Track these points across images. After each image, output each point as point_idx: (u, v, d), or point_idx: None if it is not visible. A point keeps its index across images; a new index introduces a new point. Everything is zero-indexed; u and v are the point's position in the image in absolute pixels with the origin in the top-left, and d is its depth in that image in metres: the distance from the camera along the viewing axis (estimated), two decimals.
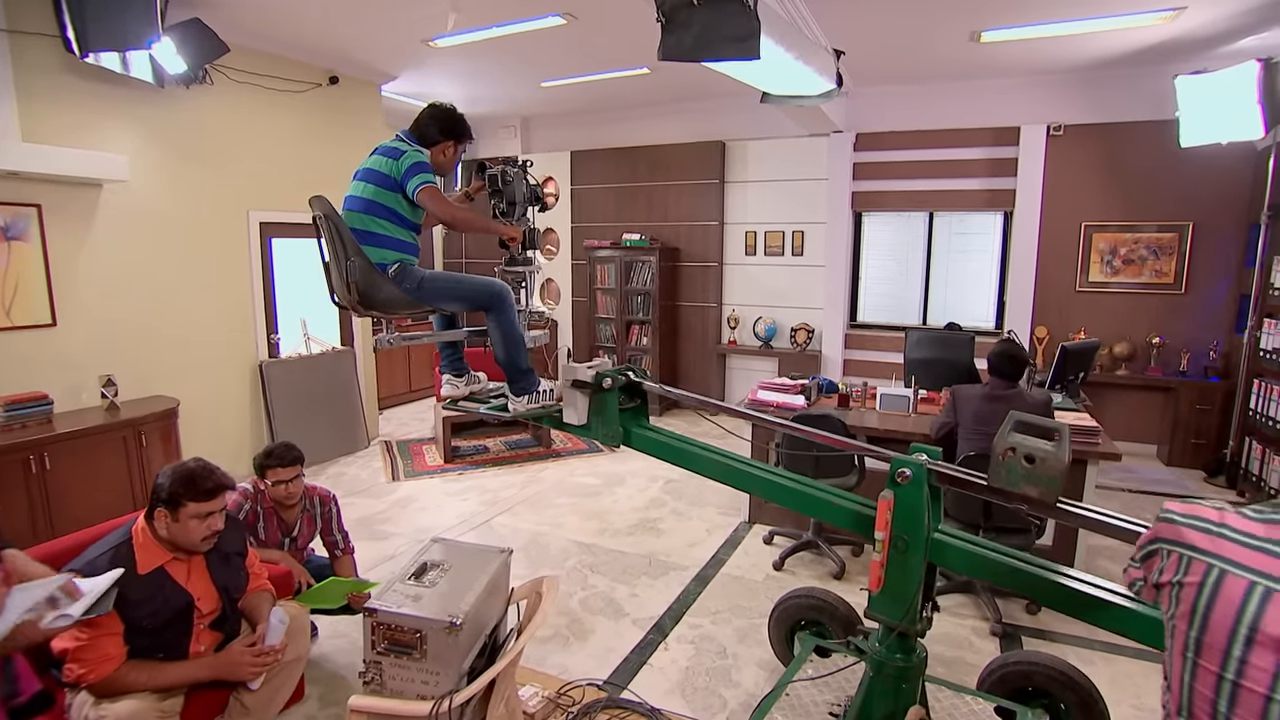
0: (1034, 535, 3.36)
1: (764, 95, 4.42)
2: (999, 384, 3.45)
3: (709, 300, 7.24)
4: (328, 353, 5.73)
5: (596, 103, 7.19)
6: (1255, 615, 0.95)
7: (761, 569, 4.00)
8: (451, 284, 2.49)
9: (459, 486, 5.27)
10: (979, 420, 3.46)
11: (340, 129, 5.70)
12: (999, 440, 1.76)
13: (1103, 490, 5.19)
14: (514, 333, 2.49)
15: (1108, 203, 5.90)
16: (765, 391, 4.58)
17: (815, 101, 4.35)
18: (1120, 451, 3.58)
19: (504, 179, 2.52)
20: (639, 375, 2.40)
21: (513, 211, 2.58)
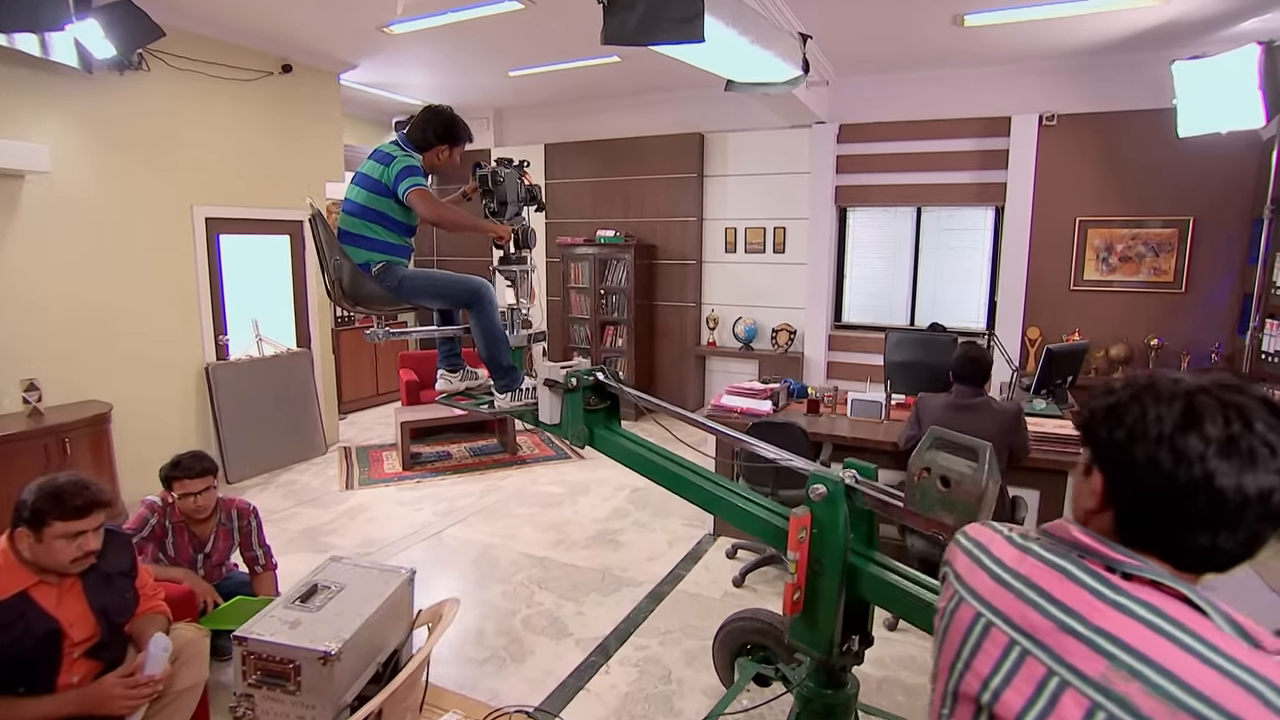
0: None
1: (728, 83, 4.30)
2: (963, 391, 3.31)
3: (687, 300, 7.12)
4: (282, 355, 5.63)
5: (570, 93, 7.08)
6: (971, 652, 0.87)
7: (721, 585, 3.88)
8: (429, 282, 2.64)
9: (414, 495, 5.16)
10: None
11: (296, 120, 5.59)
12: (914, 459, 1.63)
13: None
14: (494, 330, 2.59)
15: (1104, 197, 5.75)
16: (731, 397, 4.46)
17: (782, 89, 4.22)
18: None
19: (494, 179, 2.54)
20: (608, 376, 2.37)
21: (504, 211, 2.62)
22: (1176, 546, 0.81)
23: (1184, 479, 0.78)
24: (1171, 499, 0.79)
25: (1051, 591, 0.82)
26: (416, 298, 2.65)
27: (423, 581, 3.96)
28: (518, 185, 2.66)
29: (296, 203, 5.69)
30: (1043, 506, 3.63)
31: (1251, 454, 0.76)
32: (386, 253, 2.59)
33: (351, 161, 7.45)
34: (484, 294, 2.59)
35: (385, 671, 2.15)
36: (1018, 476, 3.60)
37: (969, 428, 3.28)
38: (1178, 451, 0.78)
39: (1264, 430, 0.77)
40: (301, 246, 5.80)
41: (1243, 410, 0.79)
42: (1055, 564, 0.84)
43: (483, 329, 2.58)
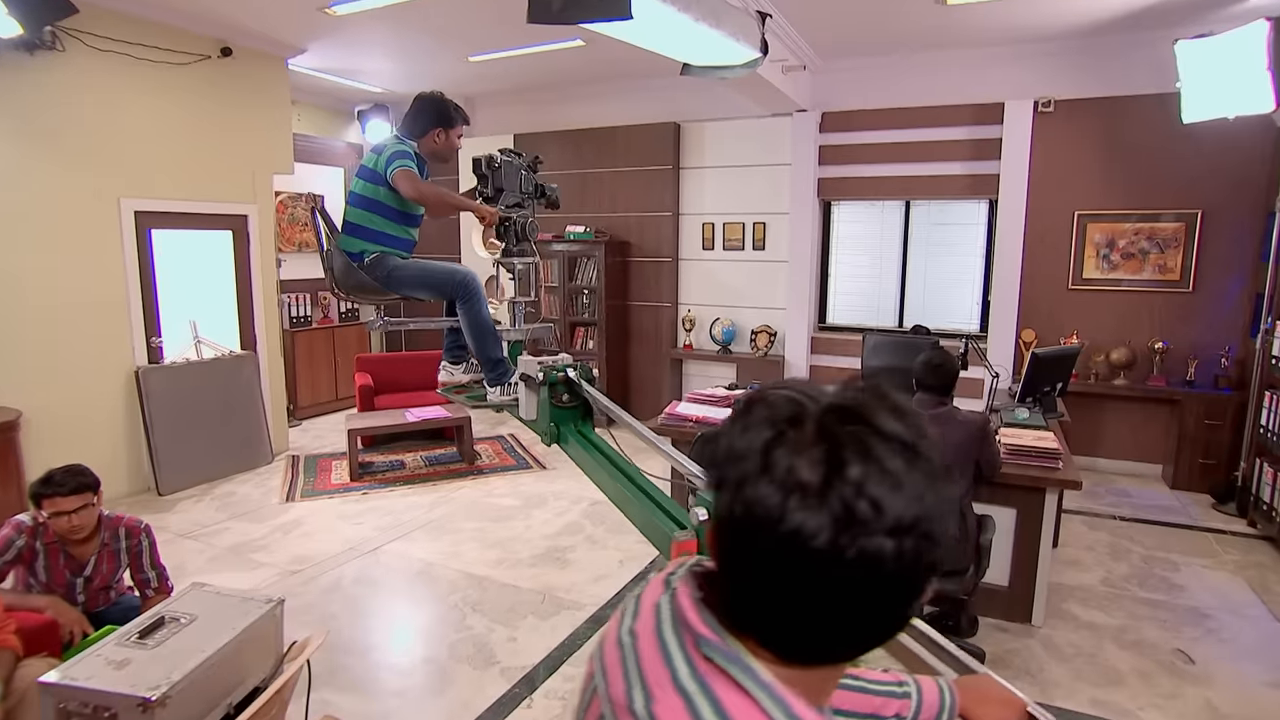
0: (971, 578, 3.01)
1: (684, 67, 4.13)
2: (925, 401, 3.11)
3: (663, 299, 6.93)
4: (224, 358, 5.48)
5: (540, 80, 6.92)
6: (579, 713, 0.73)
7: None
8: (419, 273, 2.71)
9: (358, 508, 4.99)
10: None
11: (239, 108, 5.44)
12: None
13: (1089, 518, 4.82)
14: (482, 322, 2.65)
15: (1104, 189, 5.53)
16: (689, 404, 4.27)
17: (740, 72, 4.04)
18: (1081, 480, 3.23)
19: (490, 164, 2.53)
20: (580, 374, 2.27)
21: (498, 199, 2.60)
22: (766, 625, 0.63)
23: (764, 539, 0.59)
24: (747, 561, 0.61)
25: (642, 663, 0.65)
26: (406, 289, 2.72)
27: (351, 602, 3.83)
28: (520, 176, 2.63)
29: (240, 196, 5.55)
30: (1020, 527, 3.42)
31: (848, 511, 0.57)
32: (381, 243, 2.69)
33: (308, 153, 7.33)
34: (471, 285, 2.65)
35: (235, 714, 1.98)
36: (991, 493, 3.40)
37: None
38: (750, 502, 0.60)
39: (875, 475, 0.58)
40: (246, 243, 5.66)
41: (860, 446, 0.59)
42: (659, 630, 0.67)
43: (470, 321, 2.66)
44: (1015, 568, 3.48)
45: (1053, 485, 3.27)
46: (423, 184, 2.64)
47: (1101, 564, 4.15)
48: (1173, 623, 3.53)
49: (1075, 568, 4.10)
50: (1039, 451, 3.33)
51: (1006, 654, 3.25)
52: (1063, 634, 3.41)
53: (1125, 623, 3.52)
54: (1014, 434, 3.50)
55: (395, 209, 2.70)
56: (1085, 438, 5.72)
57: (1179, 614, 3.61)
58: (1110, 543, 4.45)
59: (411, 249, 2.83)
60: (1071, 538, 4.49)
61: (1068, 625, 3.49)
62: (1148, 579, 3.98)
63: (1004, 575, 3.50)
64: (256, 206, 5.65)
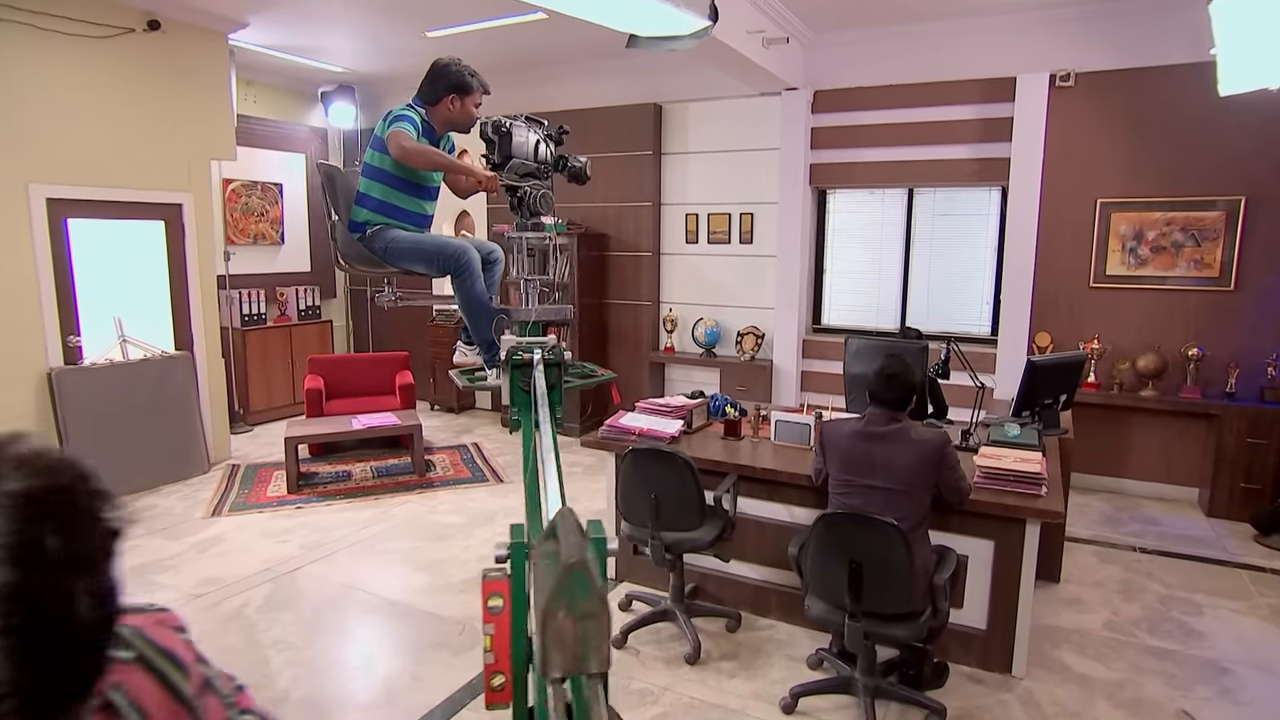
0: (932, 621, 2.71)
1: (630, 38, 3.92)
2: (877, 416, 2.83)
3: (642, 297, 6.69)
4: (153, 359, 5.36)
5: (508, 60, 6.72)
6: None
7: None
8: (412, 246, 2.75)
9: (287, 524, 4.83)
10: (846, 468, 2.84)
11: (171, 87, 5.30)
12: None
13: (1102, 548, 4.47)
14: (473, 299, 2.66)
15: (1131, 173, 5.15)
16: (637, 415, 4.02)
17: (689, 43, 3.79)
18: (1062, 512, 2.91)
19: (497, 128, 2.39)
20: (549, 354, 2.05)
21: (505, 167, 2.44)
22: None
23: None
24: None
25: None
26: (402, 262, 2.78)
27: (249, 632, 3.65)
28: (533, 143, 2.46)
29: (173, 183, 5.42)
30: (997, 562, 3.11)
31: None
32: (388, 214, 2.77)
33: (266, 138, 7.23)
34: (463, 260, 2.66)
35: None
36: (964, 523, 3.10)
37: (881, 460, 2.81)
38: None
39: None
40: (181, 233, 5.53)
41: None
42: None
43: (461, 297, 2.68)
44: (993, 608, 3.17)
45: (1031, 516, 2.96)
46: (410, 142, 2.63)
47: (1108, 604, 3.81)
48: (1183, 678, 3.18)
49: (1075, 608, 3.76)
50: (1018, 476, 3.02)
51: (975, 711, 2.94)
52: (1047, 687, 3.09)
53: (1125, 676, 3.19)
54: (994, 454, 3.19)
55: (401, 178, 2.77)
56: (1110, 456, 5.35)
57: (1192, 667, 3.26)
58: (1123, 579, 4.09)
59: (424, 223, 2.89)
60: (1077, 571, 4.15)
61: (1055, 677, 3.17)
62: (1161, 623, 3.63)
63: (980, 616, 3.20)
64: (192, 195, 5.53)
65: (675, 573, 3.48)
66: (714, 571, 3.78)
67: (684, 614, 3.47)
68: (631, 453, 3.28)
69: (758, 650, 3.41)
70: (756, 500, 3.59)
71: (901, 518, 2.67)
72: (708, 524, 3.31)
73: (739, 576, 3.72)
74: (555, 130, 2.58)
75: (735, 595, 3.73)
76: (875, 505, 2.73)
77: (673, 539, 3.28)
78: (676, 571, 3.48)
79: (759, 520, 3.60)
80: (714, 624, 3.62)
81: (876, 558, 2.60)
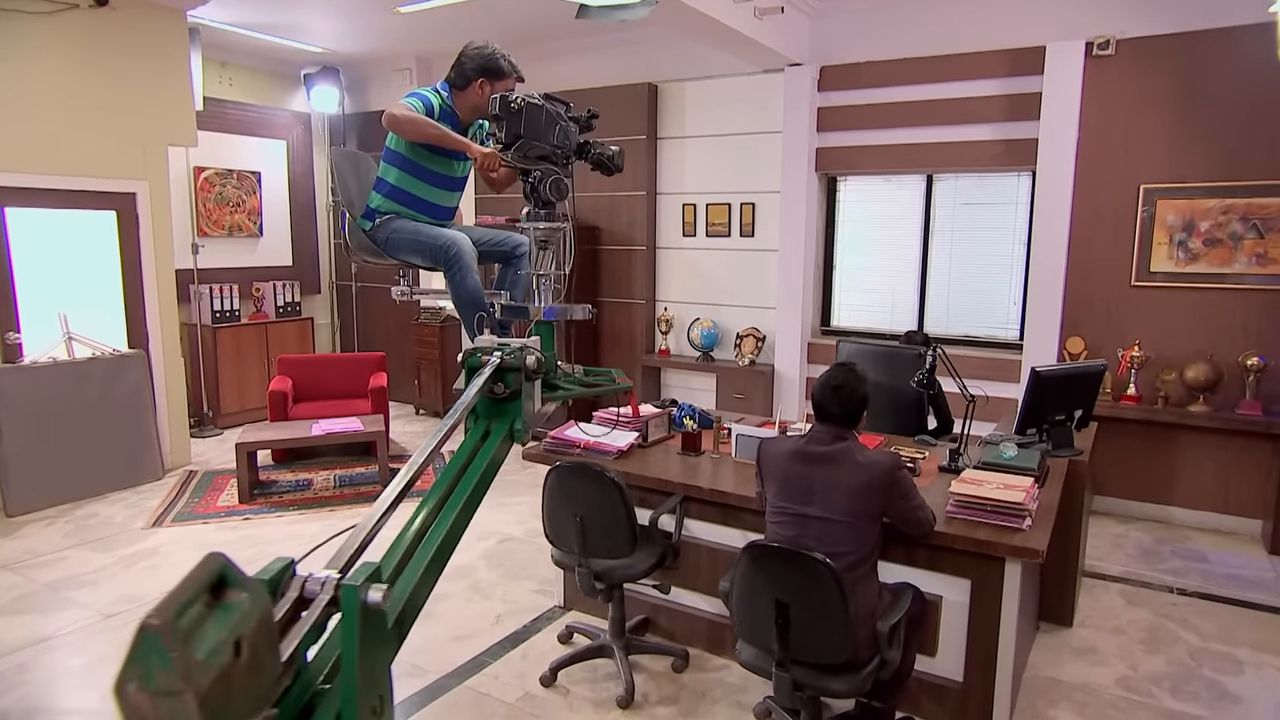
0: (879, 673, 2.45)
1: (580, 8, 3.79)
2: (820, 435, 2.58)
3: (636, 295, 6.50)
4: (103, 357, 5.35)
5: (500, 36, 6.55)
6: None
7: (525, 683, 3.27)
8: (409, 237, 2.77)
9: (230, 537, 4.76)
10: (782, 492, 2.60)
11: (122, 68, 5.28)
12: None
13: (1133, 587, 4.11)
14: (465, 294, 2.67)
15: (1181, 154, 4.76)
16: (588, 426, 3.82)
17: (641, 12, 3.65)
18: (1041, 550, 2.61)
19: (507, 105, 2.24)
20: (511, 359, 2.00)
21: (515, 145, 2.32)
22: None
23: None
24: None
25: None
26: (401, 254, 2.81)
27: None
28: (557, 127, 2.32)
29: (126, 171, 5.42)
30: (975, 606, 2.82)
31: None
32: (398, 200, 2.81)
33: (244, 124, 7.25)
34: (453, 252, 2.68)
35: None
36: (934, 558, 2.82)
37: (820, 485, 2.54)
38: None
39: None
40: (135, 224, 5.53)
41: None
42: None
43: (453, 293, 2.70)
44: (971, 658, 2.88)
45: (1005, 553, 2.67)
46: (401, 112, 2.66)
47: (1126, 655, 3.46)
48: None
49: (1086, 658, 3.43)
50: (995, 506, 2.73)
51: None
52: None
53: None
54: (975, 480, 2.90)
55: (418, 164, 2.79)
56: (1153, 480, 4.97)
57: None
58: (1151, 625, 3.73)
59: (441, 215, 2.90)
60: (1096, 614, 3.80)
61: None
62: (1188, 682, 3.27)
63: (956, 666, 2.91)
64: (147, 183, 5.52)
65: (614, 604, 3.28)
66: (667, 603, 3.56)
67: (622, 650, 3.26)
68: (554, 470, 3.09)
69: (702, 694, 3.18)
70: (709, 524, 3.36)
71: (841, 552, 2.42)
72: (643, 550, 3.09)
73: (692, 609, 3.50)
74: (583, 114, 2.46)
75: (688, 630, 3.51)
76: (811, 537, 2.48)
77: (602, 566, 3.08)
78: (615, 602, 3.28)
79: (711, 547, 3.36)
80: (660, 662, 3.40)
81: (806, 598, 2.35)
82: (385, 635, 1.45)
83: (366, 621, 1.36)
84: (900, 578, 2.83)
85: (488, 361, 1.99)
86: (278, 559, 1.42)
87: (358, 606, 1.34)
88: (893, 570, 2.88)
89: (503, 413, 2.03)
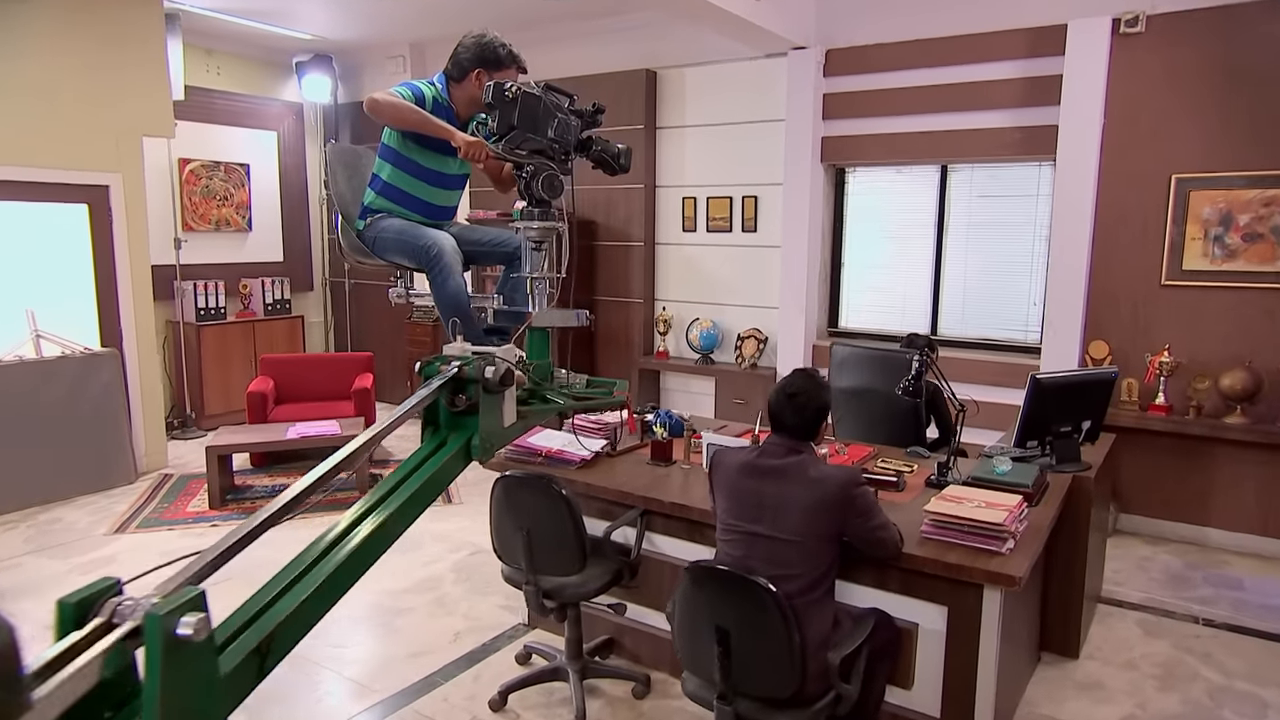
0: (835, 709, 2.32)
1: None
2: (774, 446, 2.46)
3: (633, 294, 6.41)
4: (72, 356, 5.39)
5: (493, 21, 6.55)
6: None
7: (474, 706, 3.20)
8: (394, 237, 2.74)
9: (192, 544, 4.71)
10: (732, 508, 2.48)
11: (94, 55, 5.31)
12: None
13: (1154, 615, 3.90)
14: (447, 298, 2.63)
15: (1217, 141, 4.53)
16: (551, 434, 3.73)
17: None
18: (1017, 577, 2.45)
19: (500, 94, 2.17)
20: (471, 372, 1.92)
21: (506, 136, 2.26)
22: None
23: None
24: None
25: None
26: (386, 254, 2.79)
27: None
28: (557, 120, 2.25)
29: (99, 163, 5.46)
30: (951, 635, 2.67)
31: None
32: (390, 198, 2.77)
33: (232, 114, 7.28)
34: (434, 253, 2.63)
35: None
36: (906, 582, 2.68)
37: (771, 502, 2.42)
38: None
39: None
40: (108, 218, 5.57)
41: None
42: None
43: (435, 297, 2.66)
44: (948, 692, 2.72)
45: (980, 578, 2.51)
46: (383, 96, 2.63)
47: (1137, 692, 3.27)
48: None
49: (1090, 695, 3.24)
50: (973, 526, 2.57)
51: None
52: None
53: None
54: (956, 497, 2.74)
55: (411, 160, 2.74)
56: (1187, 499, 4.74)
57: None
58: (1169, 659, 3.52)
59: (437, 214, 2.84)
60: (1108, 645, 3.61)
61: None
62: None
63: (933, 701, 2.75)
64: (121, 175, 5.56)
65: (569, 624, 3.19)
66: (632, 624, 3.46)
67: (578, 674, 3.16)
68: (499, 480, 3.00)
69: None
70: (675, 540, 3.25)
71: (790, 575, 2.29)
72: (596, 567, 2.99)
73: (658, 631, 3.37)
74: (588, 108, 2.39)
75: (653, 653, 3.40)
76: (758, 558, 2.36)
77: (551, 584, 2.98)
78: (570, 622, 3.18)
79: (676, 564, 3.24)
80: (620, 687, 3.30)
81: (748, 625, 2.23)
82: (206, 672, 1.34)
83: (175, 656, 1.26)
84: (871, 602, 2.70)
85: (445, 371, 1.93)
86: (103, 579, 1.35)
87: (161, 638, 1.24)
88: (863, 594, 2.75)
89: (462, 426, 1.96)
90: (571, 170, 2.40)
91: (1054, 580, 3.45)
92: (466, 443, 1.94)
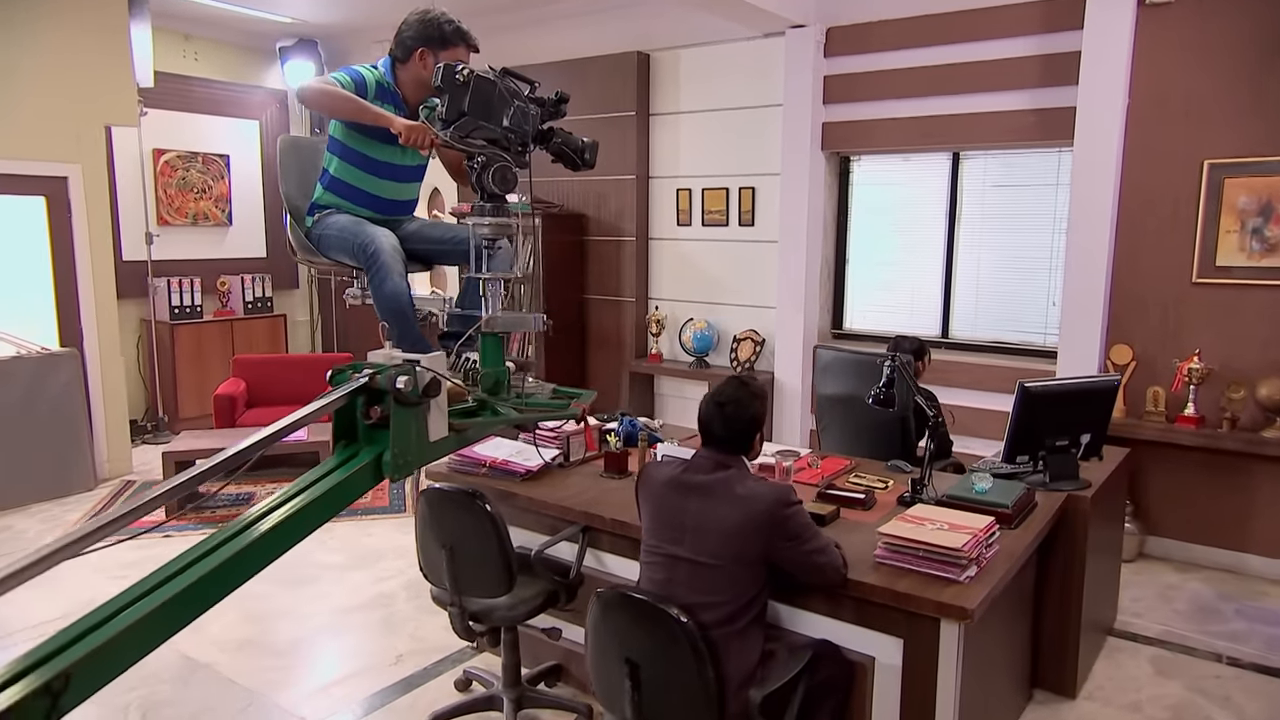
0: None
1: None
2: (702, 460, 2.37)
3: (625, 292, 6.32)
4: (28, 356, 5.44)
5: (479, 4, 6.54)
6: None
7: None
8: (336, 234, 2.70)
9: (138, 557, 4.57)
10: (655, 527, 2.38)
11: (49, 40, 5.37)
12: None
13: (1171, 652, 3.70)
14: (386, 299, 2.54)
15: (1255, 123, 4.31)
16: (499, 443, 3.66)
17: None
18: (970, 609, 2.30)
19: (450, 77, 2.10)
20: (384, 383, 1.80)
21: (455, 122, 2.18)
22: None
23: None
24: None
25: None
26: (330, 253, 2.75)
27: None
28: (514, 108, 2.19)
29: (57, 153, 5.51)
30: (908, 672, 2.53)
31: None
32: (337, 193, 2.74)
33: (212, 103, 7.33)
34: (370, 251, 2.57)
35: None
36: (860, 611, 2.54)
37: (694, 520, 2.30)
38: None
39: None
40: (66, 211, 5.61)
41: None
42: None
43: (375, 299, 2.59)
44: None
45: (930, 609, 2.37)
46: (312, 82, 2.68)
47: None
48: None
49: None
50: (928, 551, 2.43)
51: None
52: None
53: None
54: (918, 518, 2.61)
55: (357, 151, 2.70)
56: (1222, 521, 4.52)
57: None
58: (1181, 701, 3.33)
59: (387, 209, 2.79)
60: (1112, 684, 3.42)
61: None
62: None
63: None
64: (81, 167, 5.60)
65: (505, 649, 3.11)
66: (579, 648, 3.35)
67: (513, 703, 3.08)
68: (423, 494, 2.93)
69: None
70: (623, 559, 3.13)
71: (711, 603, 2.19)
72: (526, 588, 2.90)
73: None
74: (553, 98, 2.32)
75: None
76: (679, 583, 2.25)
77: (479, 606, 2.90)
78: (507, 648, 3.10)
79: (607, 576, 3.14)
80: (562, 718, 3.21)
81: (659, 658, 2.12)
82: None
83: None
84: (823, 632, 2.57)
85: (355, 380, 1.86)
86: None
87: None
88: (815, 622, 2.61)
89: (376, 440, 1.88)
90: (529, 163, 2.30)
91: (1048, 610, 3.28)
92: (378, 458, 1.85)
